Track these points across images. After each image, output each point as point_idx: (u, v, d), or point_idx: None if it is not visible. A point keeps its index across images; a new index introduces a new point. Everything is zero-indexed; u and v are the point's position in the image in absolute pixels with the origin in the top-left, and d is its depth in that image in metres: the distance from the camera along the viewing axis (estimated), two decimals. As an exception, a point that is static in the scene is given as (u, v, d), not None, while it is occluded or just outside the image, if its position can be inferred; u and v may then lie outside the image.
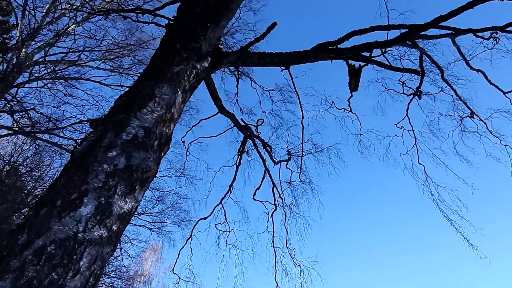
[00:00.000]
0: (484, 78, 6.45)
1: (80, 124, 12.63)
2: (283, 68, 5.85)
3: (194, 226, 8.87)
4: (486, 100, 6.93)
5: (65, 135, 12.74)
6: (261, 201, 8.94)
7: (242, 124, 8.40)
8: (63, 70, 13.35)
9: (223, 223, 8.84)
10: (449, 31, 5.72)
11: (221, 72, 9.70)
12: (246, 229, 9.19)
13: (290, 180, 9.23)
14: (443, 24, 4.97)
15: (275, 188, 8.78)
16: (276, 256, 8.42)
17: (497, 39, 6.18)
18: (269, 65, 5.86)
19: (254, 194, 8.81)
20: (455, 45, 6.36)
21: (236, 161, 9.09)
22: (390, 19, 6.13)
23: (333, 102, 7.62)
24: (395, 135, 7.55)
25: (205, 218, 8.66)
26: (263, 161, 8.40)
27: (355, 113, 7.51)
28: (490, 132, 6.73)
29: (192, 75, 4.36)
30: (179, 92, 4.24)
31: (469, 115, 6.94)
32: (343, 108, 7.53)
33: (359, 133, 7.81)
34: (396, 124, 7.58)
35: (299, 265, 8.23)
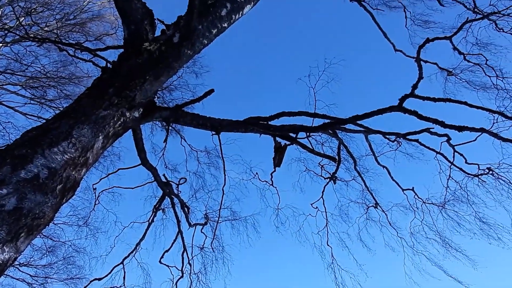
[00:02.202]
0: (388, 174, 7.31)
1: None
2: (214, 133, 5.98)
3: (85, 287, 7.77)
4: (388, 193, 7.77)
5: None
6: (168, 266, 8.32)
7: (164, 180, 8.11)
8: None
9: (120, 286, 7.91)
10: (363, 129, 6.53)
11: (151, 124, 9.53)
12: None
13: (202, 245, 8.86)
14: (359, 122, 5.67)
15: (185, 252, 8.31)
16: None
17: (400, 143, 7.20)
18: (200, 128, 5.95)
19: (162, 257, 8.19)
20: (368, 141, 7.23)
21: (150, 218, 8.54)
22: (317, 108, 6.82)
23: (257, 173, 7.85)
24: (310, 214, 7.91)
25: (99, 279, 7.68)
26: (178, 222, 8.02)
27: (276, 187, 7.80)
28: (390, 224, 7.44)
29: (119, 122, 4.21)
30: (101, 137, 4.03)
31: (374, 205, 7.65)
32: (265, 181, 7.78)
33: (277, 207, 8.02)
34: (311, 204, 7.99)
35: None
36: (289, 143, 6.62)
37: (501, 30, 5.70)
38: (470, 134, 5.74)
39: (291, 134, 6.45)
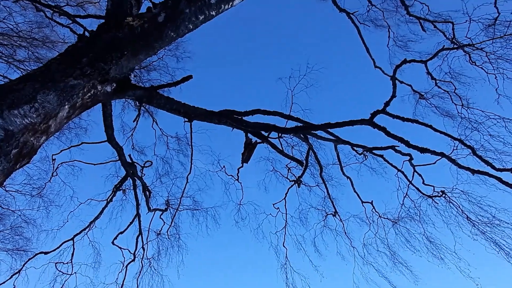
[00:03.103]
0: (351, 185, 7.53)
1: None
2: (186, 120, 5.91)
3: (30, 259, 7.46)
4: (348, 204, 7.98)
5: None
6: (120, 248, 8.14)
7: (128, 160, 7.93)
8: None
9: (67, 263, 7.65)
10: (333, 138, 6.68)
11: (124, 102, 9.27)
12: (92, 276, 8.07)
13: (159, 231, 8.74)
14: (330, 130, 5.80)
15: (140, 236, 8.17)
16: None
17: (366, 157, 7.44)
18: (173, 113, 5.86)
19: (115, 238, 8.01)
20: (336, 151, 7.40)
21: (108, 197, 8.33)
22: (292, 111, 6.91)
23: (224, 166, 7.85)
24: (270, 213, 8.01)
25: (46, 253, 7.40)
26: (137, 204, 7.87)
27: (241, 183, 7.83)
28: (345, 233, 7.67)
29: (89, 94, 4.07)
30: (67, 106, 3.88)
31: (333, 213, 7.86)
32: (231, 175, 7.79)
33: (240, 202, 8.05)
34: (273, 204, 8.10)
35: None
36: (260, 141, 6.67)
37: (474, 63, 6.04)
38: (431, 156, 6.04)
39: (263, 133, 6.50)
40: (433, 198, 6.22)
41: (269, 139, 6.54)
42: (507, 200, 5.47)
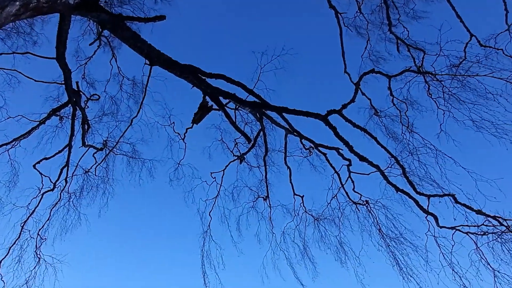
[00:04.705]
0: (289, 175, 7.77)
1: None
2: (147, 62, 5.65)
3: None
4: (281, 192, 8.23)
5: None
6: (41, 173, 7.66)
7: (74, 87, 7.41)
8: None
9: (-22, 175, 7.06)
10: (286, 125, 6.81)
11: (86, 27, 8.56)
12: (3, 195, 7.53)
13: (88, 169, 8.37)
14: (286, 115, 5.89)
15: (66, 168, 7.75)
16: (20, 236, 7.14)
17: (311, 153, 7.69)
18: (136, 50, 5.57)
19: (39, 162, 7.52)
20: (286, 139, 7.55)
21: (42, 119, 7.74)
22: (256, 87, 6.84)
23: (173, 122, 7.64)
24: (206, 181, 8.01)
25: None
26: (72, 135, 7.42)
27: (185, 143, 7.71)
28: (270, 218, 7.93)
29: (47, -3, 3.72)
30: (18, 3, 3.53)
31: (264, 197, 8.07)
32: (178, 133, 7.63)
33: (179, 162, 7.95)
34: (212, 173, 8.10)
35: (40, 257, 7.14)
36: (217, 108, 6.59)
37: (430, 95, 6.47)
38: (367, 168, 6.43)
39: (222, 100, 6.42)
40: (357, 205, 6.66)
41: (225, 107, 6.49)
42: (416, 223, 6.06)
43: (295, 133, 6.95)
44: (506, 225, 5.19)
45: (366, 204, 6.55)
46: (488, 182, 5.36)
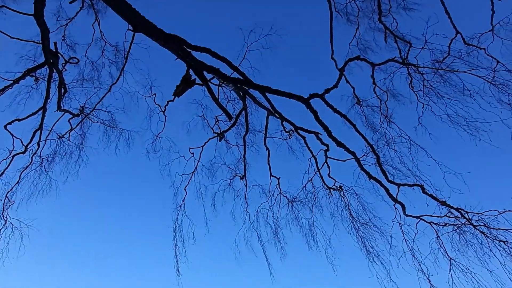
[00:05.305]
0: (267, 156, 7.82)
1: None
2: (131, 28, 5.45)
3: None
4: (258, 172, 8.28)
5: None
6: (13, 135, 7.39)
7: (53, 48, 7.11)
8: None
9: None
10: (268, 107, 6.80)
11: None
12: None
13: (63, 135, 8.14)
14: (268, 95, 5.88)
15: (39, 132, 7.51)
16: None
17: (291, 136, 7.75)
18: (120, 15, 5.37)
19: (10, 123, 7.25)
20: (267, 120, 7.56)
21: (17, 78, 7.41)
22: (241, 65, 6.76)
23: (155, 94, 7.50)
24: (184, 156, 7.96)
25: None
26: (47, 98, 7.15)
27: (166, 116, 7.60)
28: (245, 197, 7.99)
29: None
30: None
31: (241, 176, 8.13)
32: (158, 105, 7.50)
33: (157, 135, 7.84)
34: (190, 148, 8.06)
35: (6, 220, 6.99)
36: (200, 82, 6.48)
37: (412, 88, 6.59)
38: (344, 155, 6.57)
39: (206, 75, 6.32)
40: (331, 190, 6.81)
41: (208, 83, 6.39)
42: (385, 210, 6.29)
43: (276, 115, 6.96)
44: (467, 217, 5.48)
45: (340, 190, 6.71)
46: (455, 174, 5.60)
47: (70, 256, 13.14)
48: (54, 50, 7.20)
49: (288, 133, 7.77)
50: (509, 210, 5.24)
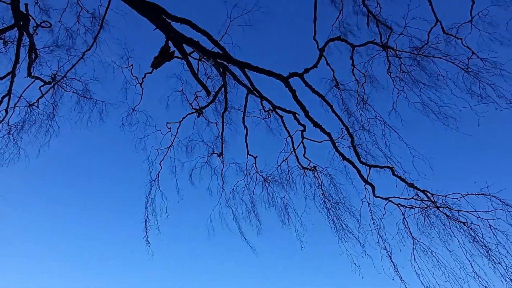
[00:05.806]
0: (245, 134, 7.83)
1: None
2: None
3: None
4: (235, 150, 8.28)
5: None
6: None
7: (23, 10, 6.72)
8: None
9: None
10: (248, 85, 6.76)
11: None
12: None
13: (33, 103, 7.81)
14: (248, 71, 5.82)
15: (8, 98, 7.18)
16: None
17: (269, 115, 7.77)
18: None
19: (-24, 88, 6.88)
20: (246, 98, 7.52)
21: (-18, 40, 7.00)
22: (222, 40, 6.64)
23: (132, 65, 7.27)
24: (160, 130, 7.84)
25: None
26: (16, 62, 6.80)
27: (143, 88, 7.42)
28: (222, 175, 7.99)
29: None
30: None
31: (219, 154, 8.11)
32: (136, 77, 7.30)
33: (134, 108, 7.66)
34: (167, 123, 7.94)
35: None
36: (180, 55, 6.32)
37: (389, 74, 6.71)
38: (320, 136, 6.66)
39: (186, 48, 6.16)
40: (305, 170, 6.94)
41: (188, 57, 6.25)
42: (355, 193, 6.49)
43: (255, 93, 6.93)
44: (432, 200, 5.74)
45: (314, 170, 6.84)
46: (423, 159, 5.84)
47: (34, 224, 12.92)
48: (25, 12, 6.82)
49: (267, 113, 7.78)
50: (472, 193, 5.52)
